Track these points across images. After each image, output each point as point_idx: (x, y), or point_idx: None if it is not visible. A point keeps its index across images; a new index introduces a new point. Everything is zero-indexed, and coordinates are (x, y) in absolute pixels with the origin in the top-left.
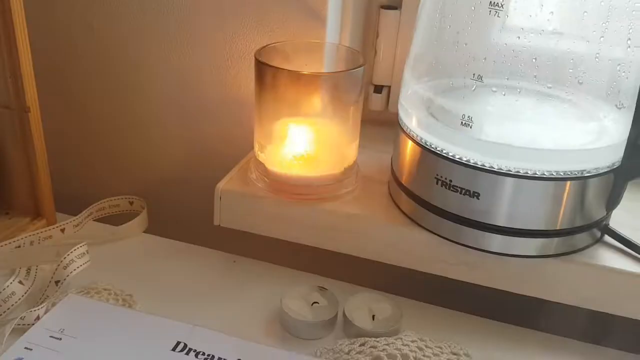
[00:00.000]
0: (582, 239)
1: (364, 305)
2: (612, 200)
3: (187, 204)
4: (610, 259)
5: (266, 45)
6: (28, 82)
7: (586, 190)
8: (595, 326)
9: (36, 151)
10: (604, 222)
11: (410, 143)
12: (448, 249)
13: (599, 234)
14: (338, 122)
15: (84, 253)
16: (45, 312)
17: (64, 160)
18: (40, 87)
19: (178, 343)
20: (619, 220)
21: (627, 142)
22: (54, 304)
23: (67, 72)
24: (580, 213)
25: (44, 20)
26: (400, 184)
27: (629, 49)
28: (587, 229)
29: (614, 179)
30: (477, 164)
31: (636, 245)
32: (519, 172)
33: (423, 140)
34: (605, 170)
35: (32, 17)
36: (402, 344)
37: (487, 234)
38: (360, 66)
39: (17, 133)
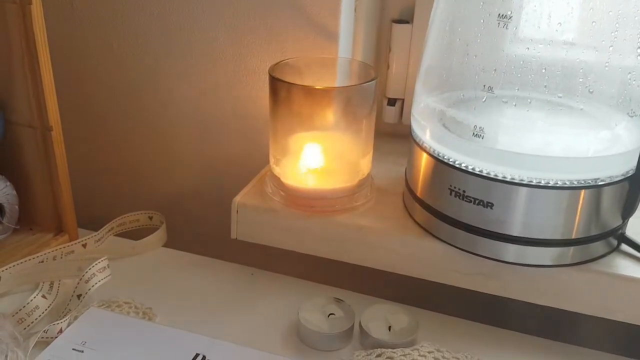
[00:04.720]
0: (598, 247)
1: (380, 316)
2: (627, 209)
3: (205, 218)
4: (627, 267)
5: (280, 62)
6: (50, 101)
7: (601, 198)
8: (618, 336)
9: (59, 169)
10: (620, 231)
11: (423, 155)
12: (463, 260)
13: (615, 242)
14: (351, 135)
15: (105, 267)
16: (68, 325)
17: (85, 177)
18: (61, 105)
19: (197, 355)
20: (636, 228)
21: None
22: (76, 317)
23: (88, 90)
24: (596, 222)
25: (66, 41)
26: (414, 196)
27: (639, 57)
28: (603, 237)
29: (628, 187)
30: (490, 174)
31: None
32: (532, 181)
33: (436, 152)
34: (620, 178)
35: (53, 38)
36: (419, 355)
37: (502, 243)
38: (372, 80)
39: (41, 151)
